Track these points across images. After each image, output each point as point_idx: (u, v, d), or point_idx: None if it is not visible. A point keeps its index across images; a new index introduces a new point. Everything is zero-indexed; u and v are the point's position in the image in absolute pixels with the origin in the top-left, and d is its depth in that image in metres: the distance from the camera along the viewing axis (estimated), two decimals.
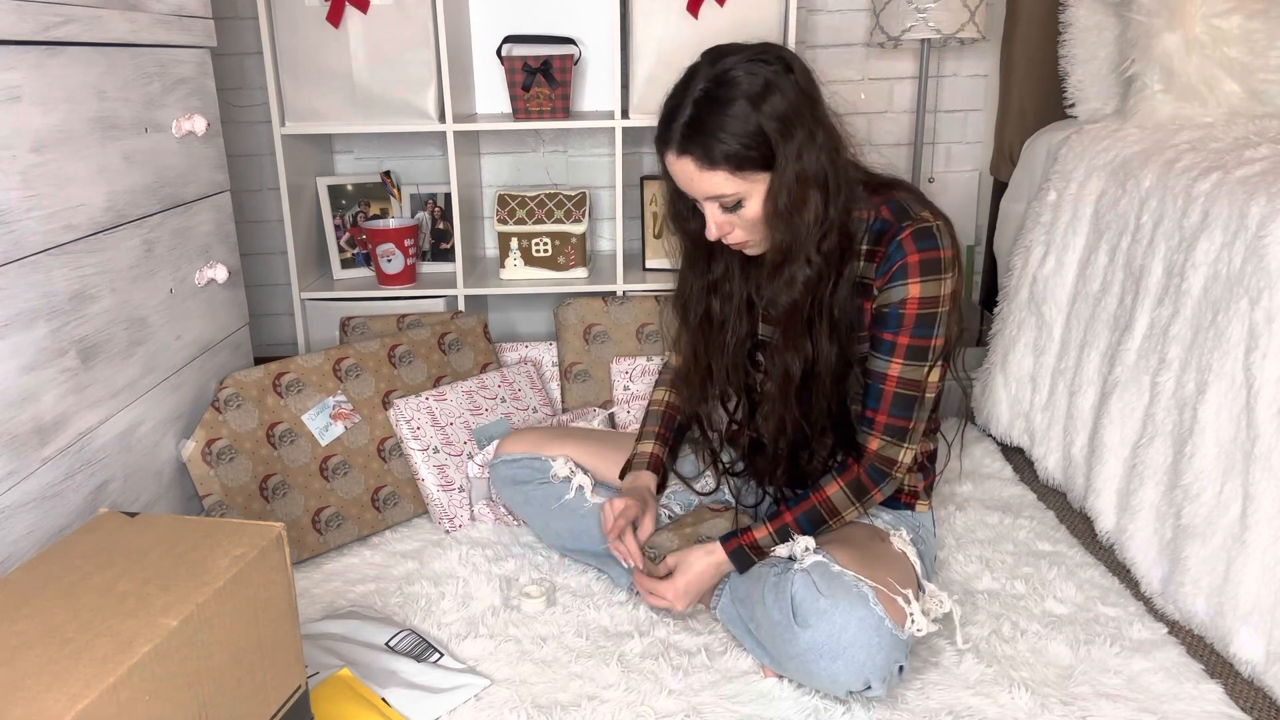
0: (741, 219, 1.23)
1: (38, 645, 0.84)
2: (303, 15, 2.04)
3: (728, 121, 1.16)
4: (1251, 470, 1.27)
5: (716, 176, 1.19)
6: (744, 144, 1.17)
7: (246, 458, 1.59)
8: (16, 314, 1.16)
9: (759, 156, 1.17)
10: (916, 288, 1.22)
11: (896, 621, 1.20)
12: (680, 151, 1.20)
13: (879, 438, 1.27)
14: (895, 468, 1.28)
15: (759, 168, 1.18)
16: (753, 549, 1.31)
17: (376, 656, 1.32)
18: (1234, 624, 1.29)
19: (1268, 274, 1.27)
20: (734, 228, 1.25)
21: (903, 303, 1.23)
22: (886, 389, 1.25)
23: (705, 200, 1.23)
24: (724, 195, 1.21)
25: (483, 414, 1.82)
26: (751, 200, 1.21)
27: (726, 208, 1.22)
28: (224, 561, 0.97)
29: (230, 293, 1.73)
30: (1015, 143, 2.32)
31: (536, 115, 2.15)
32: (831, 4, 2.41)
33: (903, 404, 1.25)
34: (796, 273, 1.23)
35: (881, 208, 1.26)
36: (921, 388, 1.25)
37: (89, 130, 1.31)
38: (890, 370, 1.25)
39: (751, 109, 1.16)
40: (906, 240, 1.21)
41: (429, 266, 2.42)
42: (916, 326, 1.23)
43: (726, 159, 1.17)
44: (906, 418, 1.26)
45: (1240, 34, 1.82)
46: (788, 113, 1.17)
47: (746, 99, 1.16)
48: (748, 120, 1.16)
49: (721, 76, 1.18)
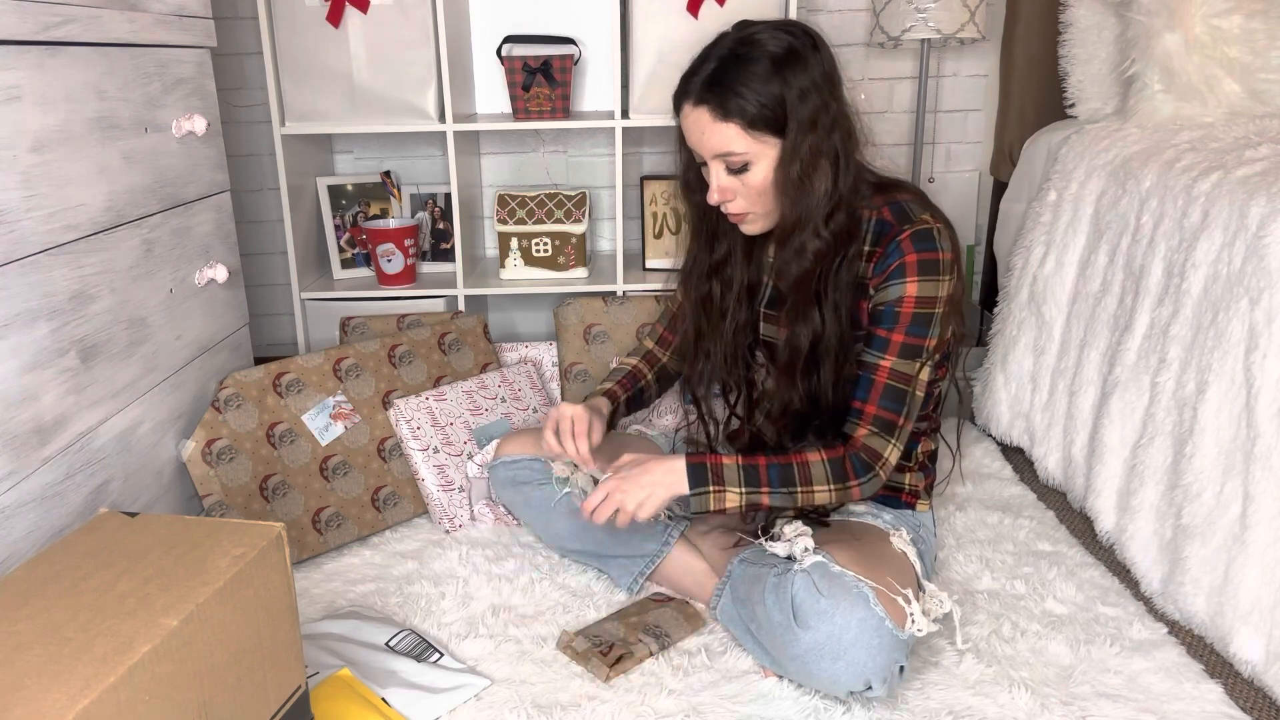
0: (745, 185, 1.24)
1: (38, 645, 0.84)
2: (303, 15, 2.04)
3: (749, 78, 1.19)
4: (1251, 470, 1.27)
5: (729, 130, 1.20)
6: (760, 103, 1.19)
7: (246, 458, 1.59)
8: (16, 314, 1.16)
9: (773, 118, 1.20)
10: (914, 286, 1.22)
11: (897, 622, 1.20)
12: (697, 101, 1.22)
13: (867, 427, 1.26)
14: (879, 463, 1.26)
15: (771, 130, 1.20)
16: (714, 472, 1.26)
17: (376, 656, 1.32)
18: (1234, 624, 1.29)
19: (1268, 274, 1.27)
20: (736, 195, 1.26)
21: (899, 300, 1.23)
22: (878, 379, 1.25)
23: (712, 159, 1.24)
24: (732, 154, 1.22)
25: (483, 414, 1.82)
26: (758, 165, 1.22)
27: (733, 169, 1.23)
28: (224, 561, 0.97)
29: (230, 293, 1.73)
30: (1015, 143, 2.32)
31: (536, 115, 2.15)
32: (831, 4, 2.41)
33: (893, 396, 1.25)
34: (807, 242, 1.24)
35: (884, 208, 1.26)
36: (912, 383, 1.25)
37: (89, 130, 1.31)
38: (882, 363, 1.25)
39: (773, 71, 1.19)
40: (905, 241, 1.22)
41: (429, 266, 2.42)
42: (912, 325, 1.23)
43: (741, 113, 1.19)
44: (896, 412, 1.26)
45: (1240, 34, 1.82)
46: (808, 85, 1.20)
47: (770, 60, 1.19)
48: (768, 81, 1.19)
49: (748, 38, 1.22)
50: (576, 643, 1.35)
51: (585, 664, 1.32)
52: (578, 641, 1.35)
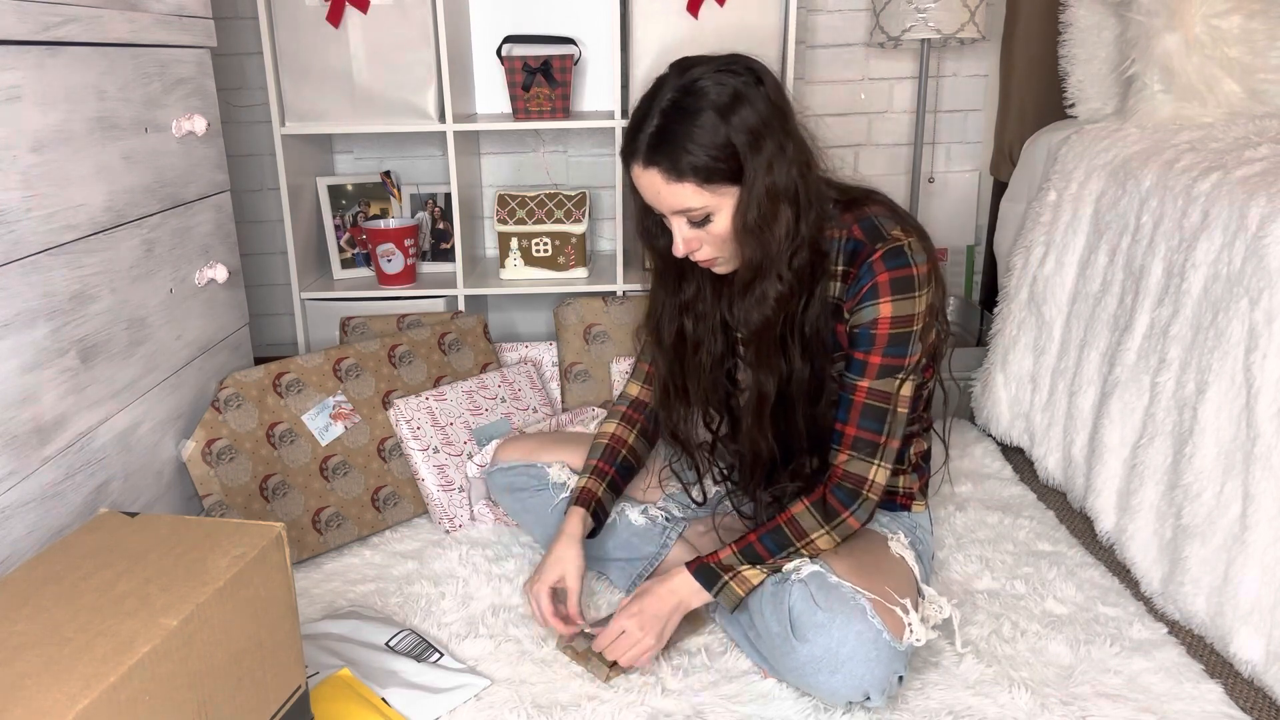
0: (709, 235, 1.20)
1: (38, 645, 0.84)
2: (303, 15, 2.04)
3: (696, 132, 1.14)
4: (1251, 470, 1.26)
5: (684, 189, 1.16)
6: (712, 156, 1.14)
7: (246, 458, 1.59)
8: (16, 314, 1.16)
9: (727, 169, 1.15)
10: (888, 307, 1.19)
11: (895, 633, 1.19)
12: (647, 163, 1.17)
13: (847, 452, 1.24)
14: (866, 486, 1.23)
15: (727, 180, 1.16)
16: (719, 566, 1.26)
17: (376, 656, 1.32)
18: (1234, 624, 1.29)
19: (1268, 274, 1.27)
20: (702, 244, 1.22)
21: (874, 323, 1.20)
22: (856, 399, 1.23)
23: (672, 215, 1.20)
24: (691, 209, 1.18)
25: (483, 414, 1.82)
26: (720, 215, 1.18)
27: (694, 223, 1.19)
28: (224, 561, 0.97)
29: (230, 293, 1.73)
30: (1015, 143, 2.32)
31: (536, 115, 2.15)
32: (831, 4, 2.41)
33: (873, 415, 1.23)
34: (768, 289, 1.21)
35: (854, 227, 1.23)
36: (892, 400, 1.22)
37: (89, 130, 1.31)
38: (860, 383, 1.22)
39: (720, 120, 1.13)
40: (877, 262, 1.19)
41: (429, 266, 2.42)
42: (889, 346, 1.20)
43: (694, 171, 1.14)
44: (877, 431, 1.23)
45: (1240, 34, 1.82)
46: (757, 125, 1.15)
47: (715, 109, 1.14)
48: (716, 131, 1.14)
49: (689, 87, 1.15)
50: (576, 643, 1.35)
51: (585, 664, 1.32)
52: (578, 641, 1.35)
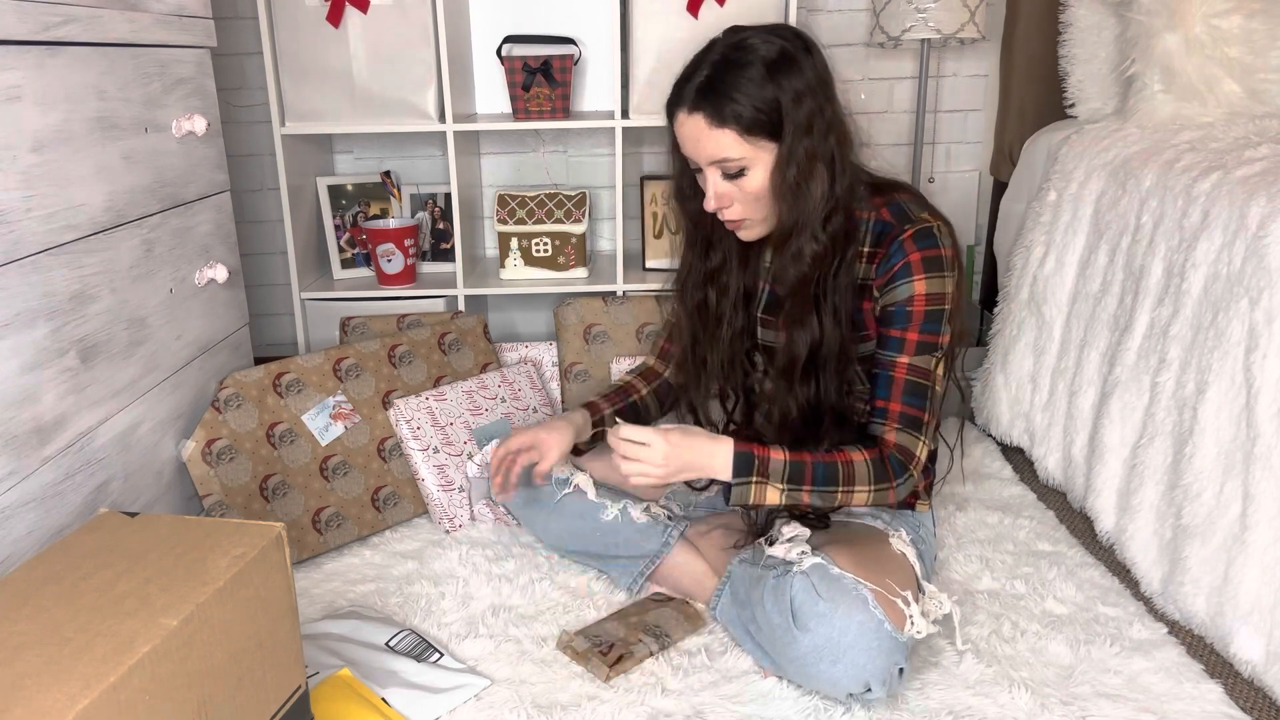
0: (742, 190, 1.23)
1: (38, 645, 0.84)
2: (303, 15, 2.04)
3: (743, 83, 1.19)
4: (1251, 470, 1.26)
5: (725, 136, 1.20)
6: (756, 107, 1.19)
7: (246, 458, 1.59)
8: (16, 314, 1.16)
9: (769, 122, 1.19)
10: (922, 284, 1.22)
11: (896, 624, 1.19)
12: (692, 108, 1.21)
13: (894, 427, 1.25)
14: (913, 463, 1.26)
15: (767, 135, 1.20)
16: (760, 464, 1.23)
17: (376, 656, 1.32)
18: (1234, 624, 1.29)
19: (1268, 274, 1.27)
20: (733, 201, 1.25)
21: (910, 299, 1.23)
22: (896, 375, 1.25)
23: (708, 165, 1.24)
24: (729, 159, 1.21)
25: (483, 414, 1.82)
26: (755, 170, 1.22)
27: (729, 174, 1.23)
28: (224, 561, 0.97)
29: (230, 293, 1.73)
30: (1015, 143, 2.32)
31: (536, 115, 2.15)
32: (831, 4, 2.41)
33: (914, 391, 1.25)
34: (804, 247, 1.24)
35: (882, 209, 1.26)
36: (931, 378, 1.25)
37: (89, 130, 1.31)
38: (900, 359, 1.25)
39: (767, 76, 1.19)
40: (908, 240, 1.22)
41: (429, 266, 2.42)
42: (925, 322, 1.23)
43: (737, 119, 1.19)
44: (920, 408, 1.25)
45: (1240, 34, 1.82)
46: (802, 88, 1.19)
47: (763, 64, 1.19)
48: (763, 86, 1.19)
49: (740, 43, 1.22)
50: (576, 643, 1.35)
51: (585, 664, 1.32)
52: (577, 641, 1.35)
